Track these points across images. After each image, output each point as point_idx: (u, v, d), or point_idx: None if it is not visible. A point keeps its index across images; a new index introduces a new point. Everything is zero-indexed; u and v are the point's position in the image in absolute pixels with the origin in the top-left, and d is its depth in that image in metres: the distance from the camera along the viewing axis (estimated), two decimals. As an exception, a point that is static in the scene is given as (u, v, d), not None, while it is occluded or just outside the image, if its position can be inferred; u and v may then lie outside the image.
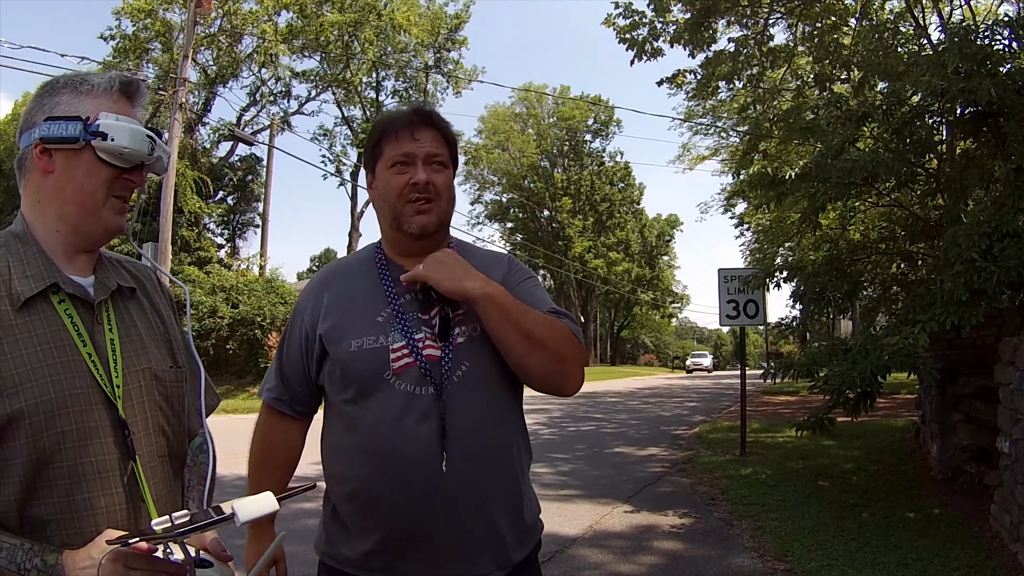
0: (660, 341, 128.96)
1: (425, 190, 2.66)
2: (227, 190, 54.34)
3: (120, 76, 2.21)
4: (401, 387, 2.56)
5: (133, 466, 1.99)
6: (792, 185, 10.57)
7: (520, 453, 2.75)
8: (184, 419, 2.22)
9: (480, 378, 2.63)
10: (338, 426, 2.70)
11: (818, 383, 8.50)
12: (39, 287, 2.01)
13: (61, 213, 2.11)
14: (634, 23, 18.58)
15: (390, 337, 2.61)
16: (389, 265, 2.79)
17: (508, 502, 2.66)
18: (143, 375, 2.11)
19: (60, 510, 1.91)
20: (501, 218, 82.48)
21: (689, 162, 41.34)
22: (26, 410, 1.88)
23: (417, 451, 2.51)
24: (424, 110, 2.79)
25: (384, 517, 2.55)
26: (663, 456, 14.85)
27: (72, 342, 2.00)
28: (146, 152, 2.10)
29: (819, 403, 9.31)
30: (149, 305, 2.31)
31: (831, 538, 8.01)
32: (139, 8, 44.51)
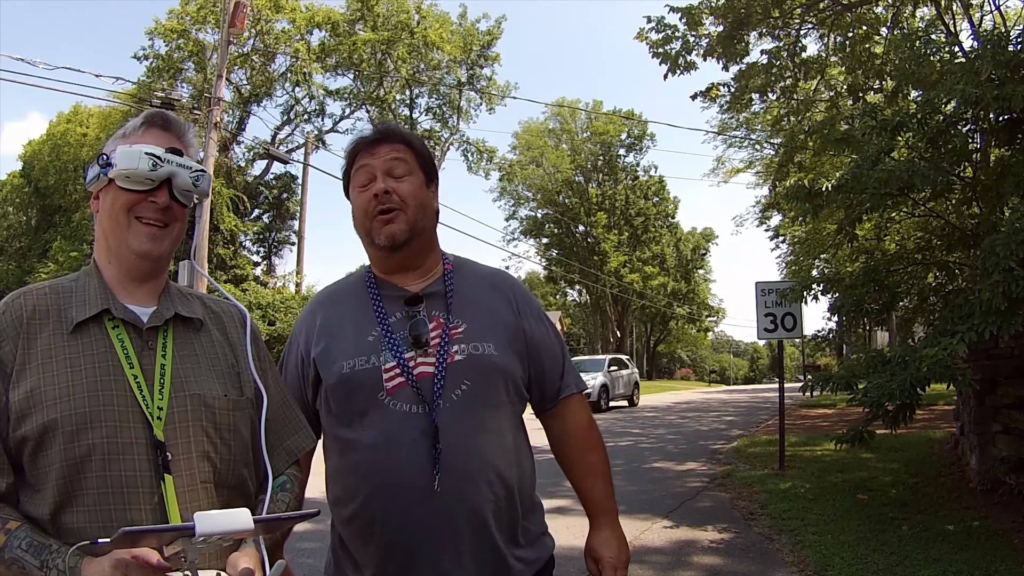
0: (696, 355, 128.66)
1: (387, 200, 2.68)
2: (262, 208, 54.63)
3: (147, 112, 2.35)
4: (396, 407, 2.58)
5: (163, 485, 2.02)
6: (829, 197, 10.53)
7: (522, 469, 2.76)
8: (236, 448, 2.24)
9: (482, 397, 2.64)
10: (335, 450, 2.73)
11: (857, 395, 8.44)
12: (92, 312, 2.14)
13: (107, 245, 2.27)
14: (667, 37, 18.54)
15: (381, 357, 2.63)
16: (379, 284, 2.81)
17: (508, 521, 2.66)
18: (191, 400, 2.16)
19: (89, 519, 1.97)
20: (536, 234, 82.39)
21: (723, 175, 41.25)
22: (60, 420, 1.98)
23: (411, 471, 2.52)
24: (383, 126, 2.83)
25: (382, 540, 2.56)
26: (701, 471, 14.81)
27: (118, 363, 2.10)
28: (147, 168, 2.16)
29: (856, 416, 9.26)
30: (222, 338, 2.38)
31: (871, 552, 7.95)
32: (172, 28, 44.88)
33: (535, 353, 2.83)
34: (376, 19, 47.89)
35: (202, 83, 41.28)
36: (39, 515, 1.99)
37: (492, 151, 59.55)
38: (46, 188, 59.44)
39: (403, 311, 2.72)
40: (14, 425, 2.00)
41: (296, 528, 2.77)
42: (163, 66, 45.11)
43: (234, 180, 44.95)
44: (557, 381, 2.90)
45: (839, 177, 10.64)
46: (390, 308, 2.73)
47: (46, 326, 2.11)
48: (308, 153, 42.42)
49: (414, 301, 2.73)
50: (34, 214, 63.85)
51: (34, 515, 1.99)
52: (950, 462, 12.65)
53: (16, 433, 2.00)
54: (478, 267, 3.00)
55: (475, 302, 2.79)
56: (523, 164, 76.78)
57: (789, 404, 18.47)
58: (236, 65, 44.79)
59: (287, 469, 2.41)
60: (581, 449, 2.96)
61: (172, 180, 2.21)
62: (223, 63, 25.28)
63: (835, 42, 18.67)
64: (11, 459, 2.02)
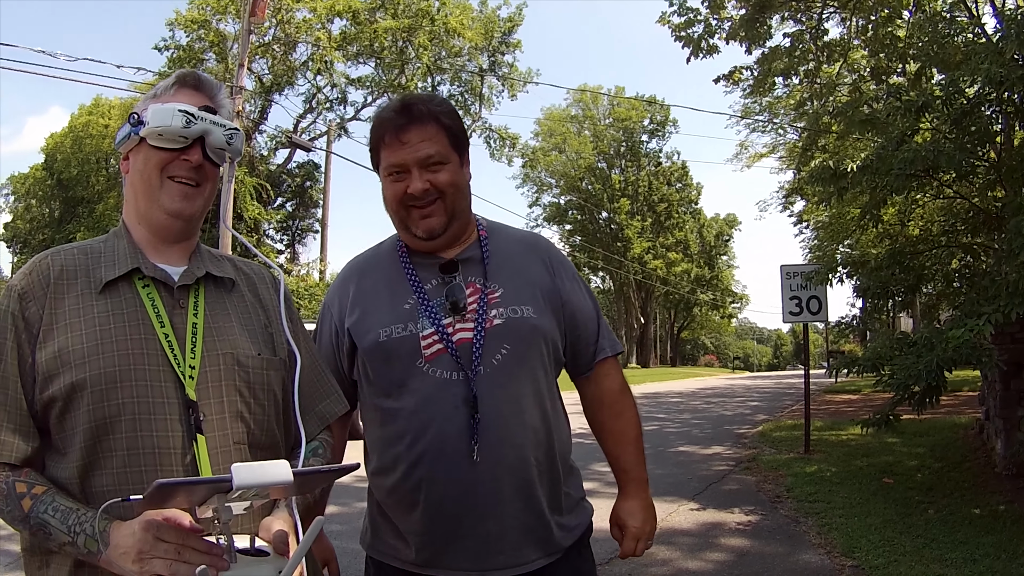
0: (720, 342, 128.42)
1: (424, 197, 2.63)
2: (286, 196, 54.80)
3: (178, 72, 2.31)
4: (435, 374, 2.57)
5: (195, 445, 2.01)
6: (854, 178, 10.46)
7: (560, 434, 2.75)
8: (269, 408, 2.22)
9: (522, 362, 2.63)
10: (375, 420, 2.72)
11: (883, 378, 8.41)
12: (122, 271, 2.13)
13: (137, 206, 2.24)
14: (689, 21, 18.49)
15: (419, 324, 2.61)
16: (411, 252, 2.79)
17: (548, 488, 2.65)
18: (224, 359, 2.14)
19: (118, 482, 1.96)
20: (560, 220, 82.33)
21: (747, 160, 41.14)
22: (88, 380, 1.97)
23: (453, 439, 2.52)
24: (409, 105, 2.69)
25: (427, 508, 2.55)
26: (727, 455, 14.81)
27: (149, 322, 2.08)
28: (180, 125, 2.13)
29: (881, 402, 9.22)
30: (254, 299, 2.37)
31: (898, 535, 7.93)
32: (192, 19, 45.04)
33: (571, 315, 2.82)
34: (397, 6, 47.84)
35: (223, 73, 41.36)
36: (66, 479, 1.98)
37: (515, 138, 59.53)
38: (68, 180, 59.66)
39: (438, 278, 2.70)
40: (41, 386, 1.99)
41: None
42: (184, 56, 45.21)
43: (257, 169, 45.10)
44: (592, 344, 2.89)
45: (864, 158, 10.58)
46: (424, 275, 2.71)
47: (74, 286, 2.10)
48: (331, 141, 42.46)
49: (449, 268, 2.71)
50: (57, 206, 64.15)
51: (61, 479, 1.99)
52: (975, 447, 12.57)
53: (44, 394, 1.99)
54: (511, 231, 2.98)
55: (511, 266, 2.76)
56: (546, 150, 76.80)
57: (813, 390, 18.41)
58: (257, 55, 44.86)
59: (319, 434, 2.38)
60: (614, 414, 2.93)
61: (205, 138, 2.18)
62: (244, 53, 25.33)
63: (858, 25, 18.55)
64: (37, 422, 2.02)
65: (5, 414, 1.97)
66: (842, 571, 7.11)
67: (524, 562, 2.59)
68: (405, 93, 5.88)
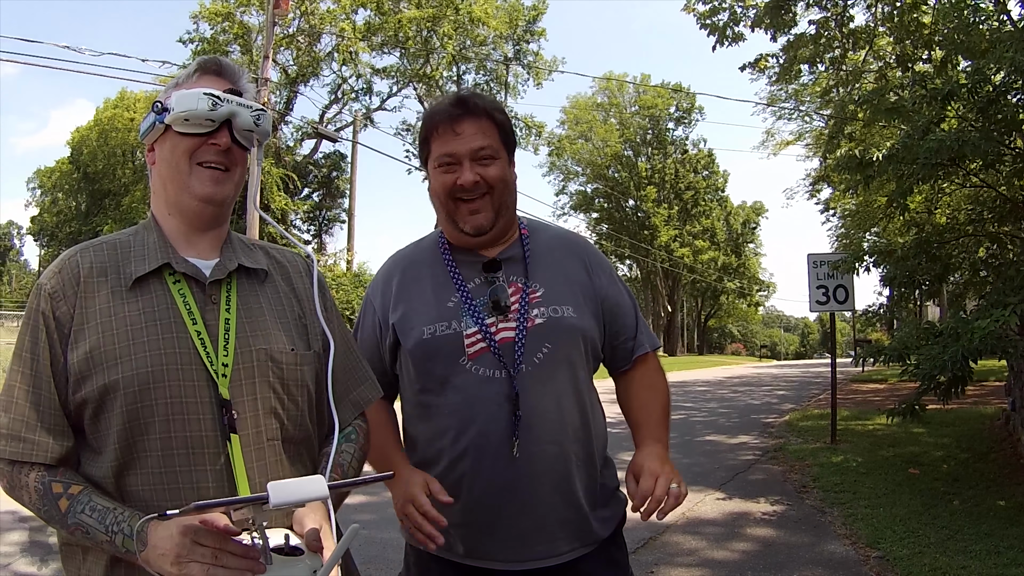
0: (747, 330, 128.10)
1: (474, 190, 2.65)
2: (312, 187, 54.98)
3: (200, 59, 2.29)
4: (477, 371, 2.60)
5: (229, 444, 2.01)
6: (880, 167, 10.40)
7: (597, 428, 2.79)
8: (303, 403, 2.21)
9: (560, 359, 2.66)
10: (417, 416, 2.75)
11: (909, 368, 8.37)
12: (152, 267, 2.10)
13: (166, 196, 2.21)
14: (714, 8, 18.41)
15: (462, 322, 2.64)
16: (453, 249, 2.80)
17: (586, 482, 2.69)
18: (257, 355, 2.12)
19: (153, 482, 1.96)
20: (586, 209, 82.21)
21: (773, 148, 40.96)
22: (122, 381, 1.95)
23: (494, 435, 2.55)
24: (464, 99, 2.73)
25: (465, 501, 2.58)
26: (754, 444, 14.80)
27: (181, 319, 2.06)
28: (206, 108, 2.10)
29: (908, 392, 9.19)
30: (287, 289, 2.34)
31: (922, 526, 7.91)
32: (216, 11, 45.16)
33: (610, 313, 2.84)
34: (421, -4, 47.86)
35: (248, 65, 41.46)
36: (101, 477, 1.98)
37: (541, 126, 59.48)
38: (95, 173, 60.11)
39: (481, 276, 2.73)
40: (74, 387, 1.98)
41: (350, 500, 2.77)
42: (209, 49, 45.33)
43: (283, 160, 45.21)
44: (631, 340, 2.90)
45: (890, 147, 10.52)
46: (467, 274, 2.74)
47: (104, 283, 2.08)
48: (356, 131, 42.48)
49: (492, 267, 2.74)
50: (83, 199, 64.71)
51: (96, 478, 1.99)
52: (1001, 438, 12.52)
53: (76, 395, 1.98)
54: (551, 229, 3.02)
55: (551, 265, 2.78)
56: (572, 139, 76.65)
57: (840, 379, 18.37)
58: (282, 46, 44.96)
59: (353, 420, 2.38)
60: (645, 386, 2.92)
61: (232, 121, 2.15)
62: (269, 44, 25.42)
63: (883, 12, 18.42)
64: (71, 421, 2.01)
65: (39, 414, 1.98)
66: (867, 562, 7.10)
67: (561, 552, 2.64)
68: (459, 90, 5.92)
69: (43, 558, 7.12)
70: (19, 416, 1.97)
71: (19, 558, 7.18)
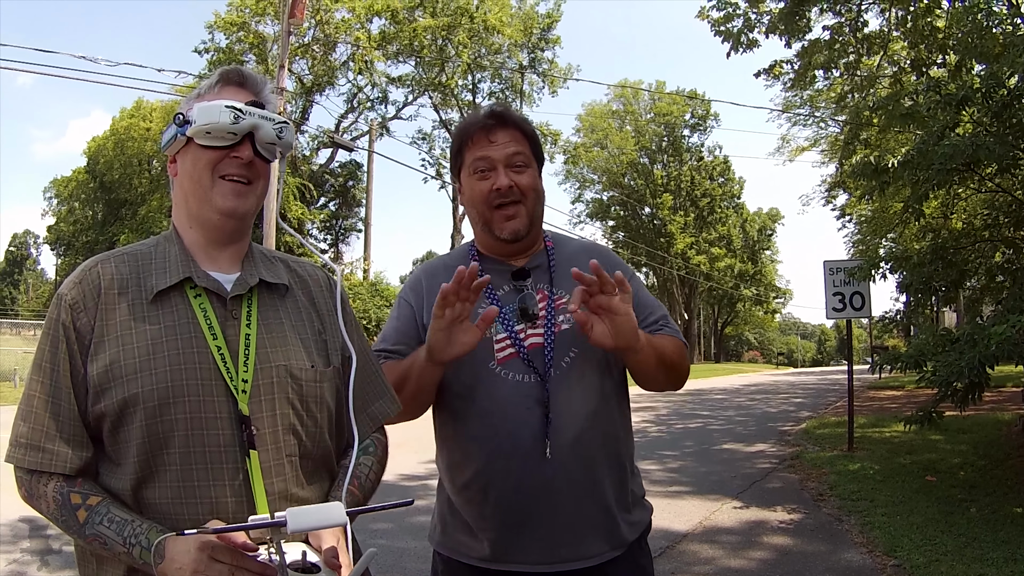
0: (764, 337, 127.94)
1: (509, 193, 2.71)
2: (328, 196, 55.20)
3: (221, 69, 2.28)
4: (507, 376, 2.64)
5: (248, 461, 2.00)
6: (895, 173, 10.39)
7: (625, 434, 2.83)
8: (322, 419, 2.20)
9: (590, 364, 2.69)
10: (449, 418, 2.78)
11: (926, 375, 8.35)
12: (173, 281, 2.09)
13: (188, 209, 2.19)
14: (728, 15, 18.40)
15: (492, 328, 2.67)
16: (483, 261, 2.83)
17: (616, 485, 2.72)
18: (277, 372, 2.11)
19: (172, 495, 1.96)
20: (602, 216, 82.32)
21: (789, 154, 40.82)
22: (141, 395, 1.95)
23: (525, 439, 2.58)
24: (498, 111, 2.81)
25: (496, 505, 2.61)
26: (771, 452, 14.74)
27: (201, 334, 2.05)
28: (228, 122, 2.08)
29: (925, 398, 9.16)
30: (308, 303, 2.33)
31: (939, 533, 7.86)
32: (231, 21, 45.51)
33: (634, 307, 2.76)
34: (435, 5, 48.06)
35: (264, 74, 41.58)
36: (119, 489, 1.98)
37: (556, 134, 59.66)
38: (111, 183, 60.44)
39: (510, 284, 2.79)
40: (93, 399, 1.98)
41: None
42: (224, 59, 45.75)
43: (300, 169, 45.36)
44: (653, 326, 2.86)
45: (905, 153, 10.50)
46: (496, 281, 2.77)
47: (125, 296, 2.07)
48: (372, 140, 42.69)
49: (521, 275, 2.79)
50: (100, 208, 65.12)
51: (114, 489, 1.99)
52: (1018, 444, 12.48)
53: (95, 407, 1.98)
54: (573, 241, 3.07)
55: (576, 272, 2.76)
56: (587, 146, 76.77)
57: (857, 386, 18.34)
58: (297, 55, 45.27)
59: (371, 434, 2.38)
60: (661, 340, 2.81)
61: (255, 134, 2.14)
62: (284, 54, 25.47)
63: (897, 16, 18.40)
64: (90, 432, 2.01)
65: (58, 425, 1.97)
66: (884, 570, 7.07)
67: (591, 555, 2.65)
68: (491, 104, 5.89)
69: (60, 566, 7.15)
70: (38, 426, 1.97)
71: (35, 566, 7.20)
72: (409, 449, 12.01)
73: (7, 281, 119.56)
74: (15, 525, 8.34)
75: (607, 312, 2.50)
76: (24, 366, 28.00)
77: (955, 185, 10.66)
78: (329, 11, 45.52)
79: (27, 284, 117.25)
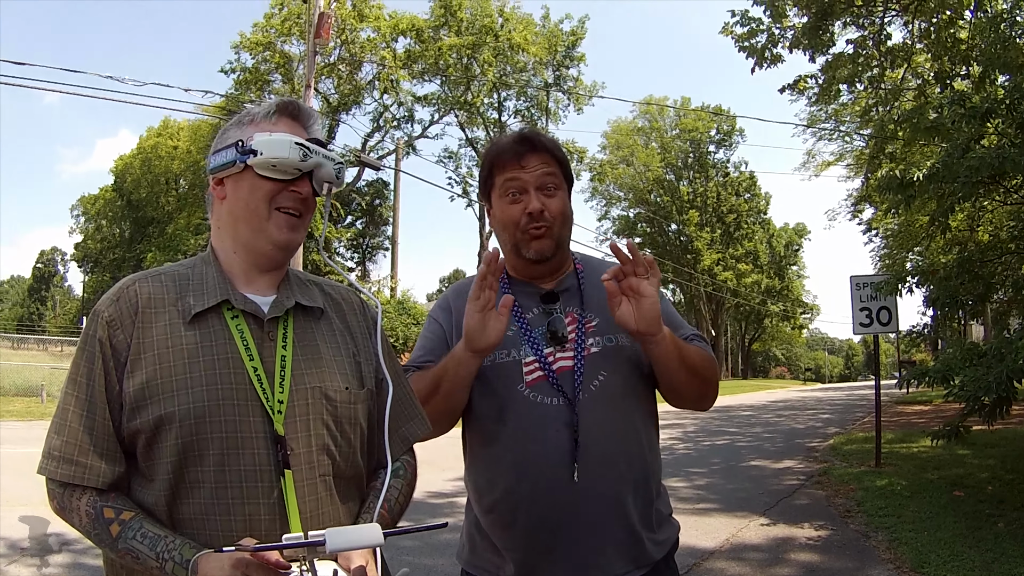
0: (791, 353, 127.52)
1: (540, 218, 2.71)
2: (355, 215, 55.43)
3: (278, 100, 2.31)
4: (535, 399, 2.63)
5: (282, 480, 2.02)
6: (921, 187, 10.35)
7: (653, 455, 2.80)
8: (355, 440, 2.23)
9: (618, 387, 2.68)
10: (477, 440, 2.79)
11: (953, 390, 8.30)
12: (211, 303, 2.12)
13: (235, 234, 2.22)
14: (752, 31, 18.40)
15: (521, 351, 2.68)
16: (512, 283, 2.85)
17: (642, 505, 2.70)
18: (312, 393, 2.13)
19: (206, 512, 1.97)
20: (629, 233, 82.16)
21: (814, 169, 40.69)
22: (177, 413, 1.97)
23: (553, 461, 2.57)
24: (529, 135, 2.82)
25: (525, 526, 2.61)
26: (798, 468, 14.68)
27: (238, 355, 2.07)
28: (297, 159, 2.13)
29: (953, 413, 9.10)
30: (342, 326, 2.36)
31: (967, 549, 7.80)
32: (257, 41, 45.72)
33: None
34: (460, 24, 48.19)
35: (289, 94, 41.98)
36: (153, 504, 2.00)
37: (582, 152, 59.69)
38: (138, 200, 60.98)
39: (539, 307, 2.78)
40: (128, 415, 2.01)
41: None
42: (250, 79, 46.05)
43: (327, 188, 45.64)
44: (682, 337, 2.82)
45: (930, 166, 10.46)
46: (526, 304, 2.79)
47: (162, 315, 2.10)
48: (399, 159, 42.78)
49: (550, 298, 2.79)
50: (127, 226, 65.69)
51: (147, 504, 2.01)
52: (1047, 458, 12.40)
53: (131, 424, 2.00)
54: (604, 263, 2.99)
55: (604, 295, 2.72)
56: (613, 164, 76.77)
57: (885, 401, 18.23)
58: (323, 75, 45.49)
59: (401, 456, 2.40)
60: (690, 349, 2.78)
61: (315, 171, 2.19)
62: (310, 73, 25.58)
63: (920, 28, 18.36)
64: (124, 447, 2.04)
65: (92, 439, 2.00)
66: (911, 586, 7.03)
67: (618, 575, 2.63)
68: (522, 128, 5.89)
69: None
70: (72, 440, 1.99)
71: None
72: (436, 467, 12.04)
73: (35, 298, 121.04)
74: (41, 539, 8.38)
75: (635, 293, 2.52)
76: (51, 382, 28.33)
77: (981, 197, 10.62)
78: (355, 30, 45.79)
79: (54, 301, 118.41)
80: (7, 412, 22.98)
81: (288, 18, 45.26)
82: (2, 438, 16.94)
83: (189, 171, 57.90)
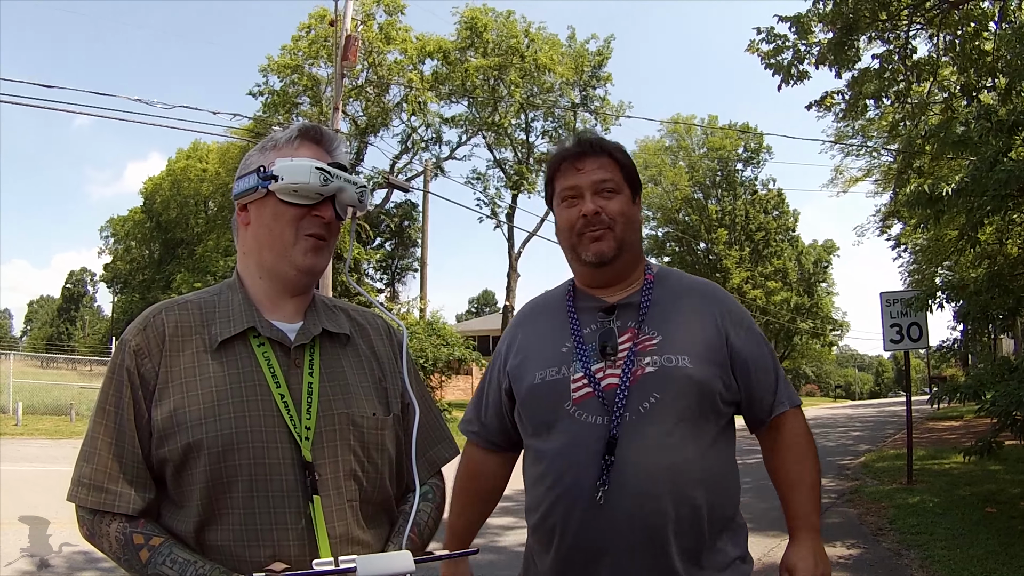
0: (821, 370, 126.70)
1: (596, 220, 2.68)
2: (384, 236, 55.55)
3: (300, 125, 2.33)
4: (581, 417, 2.57)
5: (311, 505, 2.03)
6: (950, 201, 10.31)
7: (715, 490, 2.60)
8: (383, 466, 2.25)
9: (673, 412, 2.56)
10: (529, 460, 2.78)
11: (985, 405, 8.25)
12: (237, 330, 2.15)
13: (260, 260, 2.25)
14: (778, 48, 18.35)
15: (571, 368, 2.63)
16: (577, 296, 2.83)
17: (690, 540, 2.52)
18: (339, 419, 2.15)
19: (235, 538, 2.00)
20: (658, 253, 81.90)
21: (842, 185, 40.54)
22: (206, 441, 2.00)
23: (588, 484, 2.50)
24: (587, 139, 2.83)
25: (559, 551, 2.57)
26: (829, 487, 14.53)
27: (265, 383, 2.11)
28: (318, 183, 2.14)
29: (984, 428, 9.05)
30: (369, 351, 2.38)
31: (1000, 566, 7.75)
32: (285, 64, 45.98)
33: (743, 368, 2.72)
34: (486, 45, 48.31)
35: (318, 116, 42.17)
36: (182, 531, 2.03)
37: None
38: (167, 222, 61.45)
39: (597, 322, 2.73)
40: (157, 443, 2.04)
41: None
42: (279, 101, 46.28)
43: (355, 210, 45.80)
44: (770, 396, 2.79)
45: (958, 181, 10.41)
46: (585, 319, 2.75)
47: (189, 343, 2.13)
48: (427, 180, 42.84)
49: (608, 312, 2.73)
50: (156, 248, 66.18)
51: (177, 530, 2.04)
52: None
53: (159, 451, 2.03)
54: (685, 278, 2.94)
55: (675, 313, 2.73)
56: (642, 183, 76.75)
57: (916, 417, 18.11)
58: (351, 97, 45.64)
59: (429, 479, 2.42)
60: (790, 459, 2.82)
61: (337, 195, 2.21)
62: (338, 96, 25.72)
63: (945, 41, 18.30)
64: (153, 474, 2.07)
65: (121, 466, 2.03)
66: (943, 604, 6.97)
67: None
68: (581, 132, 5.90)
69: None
70: (101, 467, 2.03)
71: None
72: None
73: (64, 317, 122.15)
74: (70, 557, 8.41)
75: None
76: (80, 401, 28.61)
77: (1010, 211, 10.54)
78: (381, 53, 45.92)
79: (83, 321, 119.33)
80: (37, 430, 23.24)
81: (315, 41, 45.49)
82: (32, 456, 17.06)
83: (218, 193, 58.34)
